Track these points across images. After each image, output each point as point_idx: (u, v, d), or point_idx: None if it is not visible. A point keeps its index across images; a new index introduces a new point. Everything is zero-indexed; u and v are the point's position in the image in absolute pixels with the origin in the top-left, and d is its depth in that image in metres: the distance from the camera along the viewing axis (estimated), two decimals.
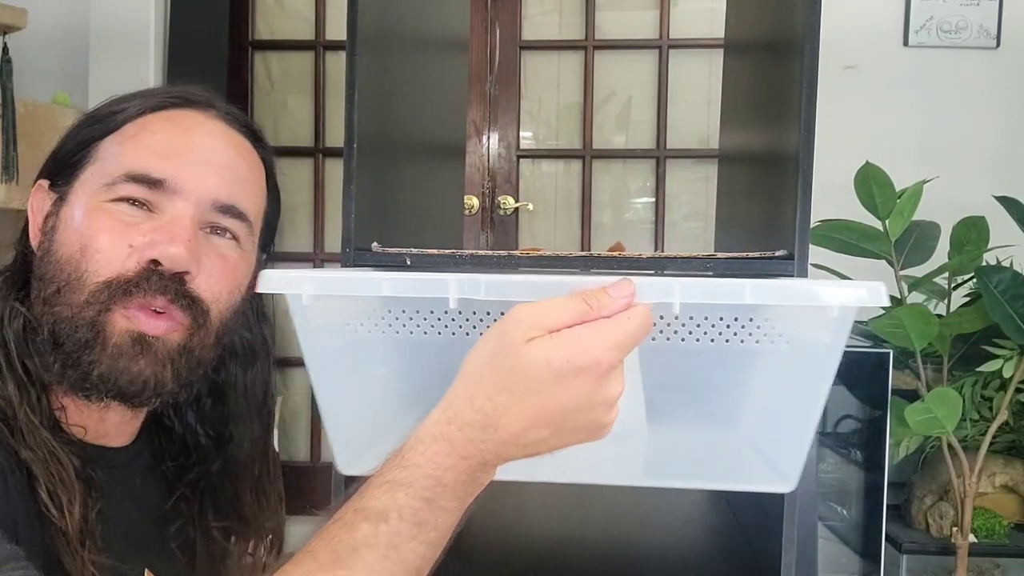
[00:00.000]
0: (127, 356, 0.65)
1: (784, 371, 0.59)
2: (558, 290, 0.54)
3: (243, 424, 0.78)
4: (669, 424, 0.62)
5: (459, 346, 0.59)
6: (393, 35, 1.04)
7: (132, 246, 0.66)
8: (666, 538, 1.11)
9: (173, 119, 0.71)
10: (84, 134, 0.70)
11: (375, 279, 0.58)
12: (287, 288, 0.60)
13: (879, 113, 2.29)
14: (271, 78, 2.69)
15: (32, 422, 0.63)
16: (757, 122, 1.12)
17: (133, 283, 0.65)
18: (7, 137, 1.93)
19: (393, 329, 0.61)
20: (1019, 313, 1.51)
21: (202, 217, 0.69)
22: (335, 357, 0.64)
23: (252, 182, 0.74)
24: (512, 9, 2.57)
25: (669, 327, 0.57)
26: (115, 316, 0.65)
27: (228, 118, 0.74)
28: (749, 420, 0.63)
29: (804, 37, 0.82)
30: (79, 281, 0.65)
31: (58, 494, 0.61)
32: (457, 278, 0.56)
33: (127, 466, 0.74)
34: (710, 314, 0.57)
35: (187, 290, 0.67)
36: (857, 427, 1.88)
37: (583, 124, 2.58)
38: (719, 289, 0.55)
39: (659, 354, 0.58)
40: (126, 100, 0.72)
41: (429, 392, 0.57)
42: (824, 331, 0.57)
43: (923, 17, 2.28)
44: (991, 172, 2.18)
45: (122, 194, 0.67)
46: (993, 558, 1.87)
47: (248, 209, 0.72)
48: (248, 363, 0.78)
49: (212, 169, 0.70)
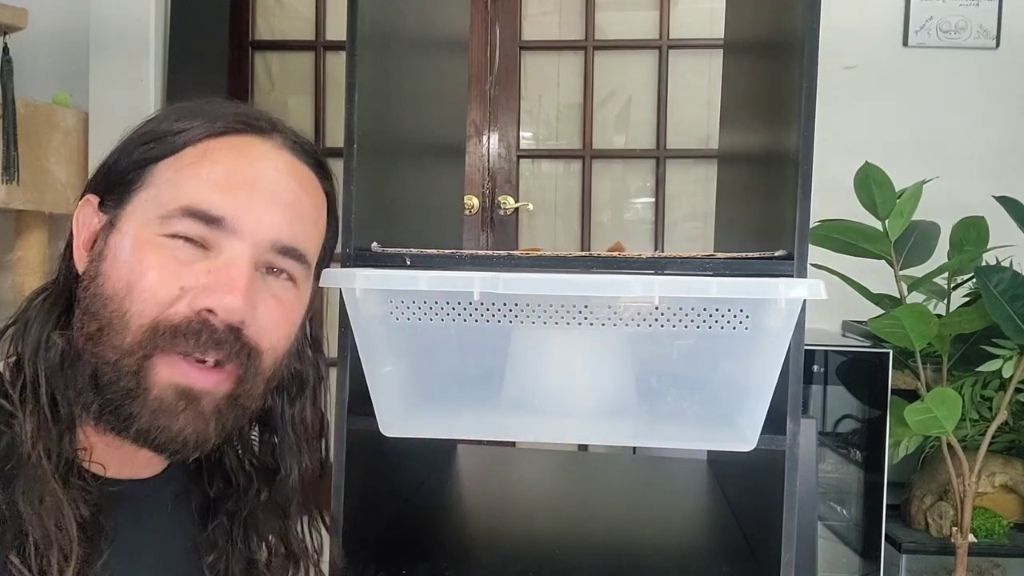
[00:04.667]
0: (169, 412, 0.61)
1: (745, 351, 0.73)
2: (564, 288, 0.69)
3: (291, 456, 0.74)
4: (654, 397, 0.75)
5: (477, 332, 0.74)
6: (393, 35, 1.04)
7: (184, 288, 0.61)
8: (666, 537, 1.11)
9: (236, 147, 0.66)
10: (140, 153, 0.65)
11: (414, 276, 0.73)
12: (344, 283, 0.75)
13: (879, 113, 2.29)
14: (271, 78, 2.69)
15: (42, 468, 0.58)
16: (757, 122, 1.12)
17: (181, 332, 0.60)
18: (8, 137, 1.93)
19: (428, 317, 0.75)
20: (1019, 313, 1.51)
21: (259, 258, 0.64)
22: (380, 340, 0.77)
23: (314, 219, 0.69)
24: (512, 9, 2.57)
25: (651, 315, 0.72)
26: (158, 364, 0.61)
27: (294, 148, 0.69)
28: (718, 391, 0.76)
29: (804, 37, 0.83)
30: (122, 321, 0.60)
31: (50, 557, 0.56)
32: (481, 276, 0.71)
33: (157, 495, 0.70)
34: (684, 305, 0.72)
35: (243, 342, 0.63)
36: (857, 427, 1.88)
37: (583, 124, 2.58)
38: (691, 285, 0.71)
39: (645, 340, 0.73)
40: (185, 118, 0.66)
41: (453, 367, 0.74)
42: (776, 319, 0.71)
43: (923, 17, 2.28)
44: (991, 172, 2.18)
45: (177, 230, 0.62)
46: (993, 558, 1.87)
47: (308, 250, 0.68)
48: (297, 393, 0.74)
49: (274, 207, 0.65)
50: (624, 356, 0.72)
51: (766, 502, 0.91)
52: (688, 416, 0.76)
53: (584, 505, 1.21)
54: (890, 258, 1.63)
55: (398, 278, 0.74)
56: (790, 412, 0.82)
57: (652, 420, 0.76)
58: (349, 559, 0.87)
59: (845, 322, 2.11)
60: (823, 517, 1.91)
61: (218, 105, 0.69)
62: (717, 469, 1.40)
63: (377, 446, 0.97)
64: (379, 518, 1.03)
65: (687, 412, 0.76)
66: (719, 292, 0.70)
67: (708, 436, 0.78)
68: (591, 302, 0.73)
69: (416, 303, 0.75)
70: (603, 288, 0.72)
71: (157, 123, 0.67)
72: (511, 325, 0.73)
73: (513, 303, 0.73)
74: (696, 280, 0.71)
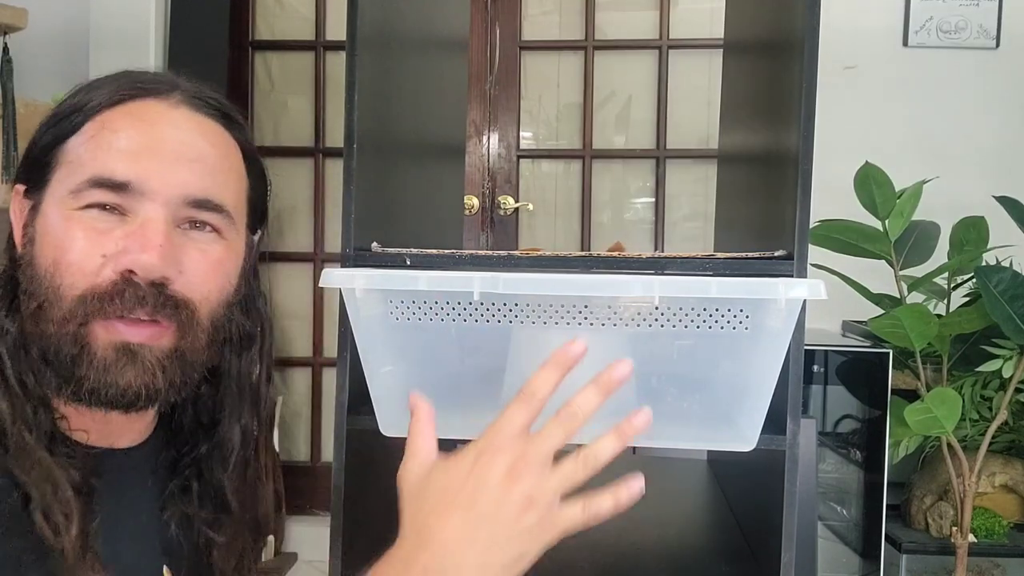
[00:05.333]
0: (114, 368, 0.64)
1: (745, 351, 0.72)
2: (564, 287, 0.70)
3: (232, 409, 0.75)
4: (655, 397, 0.75)
5: (477, 332, 0.74)
6: (393, 35, 1.04)
7: (105, 255, 0.64)
8: (666, 537, 1.11)
9: (134, 113, 0.67)
10: (50, 135, 0.67)
11: (414, 276, 0.73)
12: (344, 283, 0.75)
13: (879, 113, 2.29)
14: (271, 78, 2.69)
15: (25, 441, 0.61)
16: (757, 122, 1.12)
17: (108, 296, 0.63)
18: (7, 137, 1.93)
19: (427, 317, 0.75)
20: (1018, 313, 1.51)
21: (175, 215, 0.66)
22: (379, 339, 0.77)
23: (226, 169, 0.70)
24: (512, 9, 2.57)
25: (651, 315, 0.72)
26: (95, 328, 0.64)
27: (196, 102, 0.69)
28: (718, 391, 0.75)
29: (804, 37, 0.83)
30: (56, 295, 0.64)
31: (54, 515, 0.59)
32: (480, 276, 0.71)
33: (138, 467, 0.72)
34: (684, 305, 0.71)
35: (169, 295, 0.65)
36: (857, 427, 1.88)
37: (583, 124, 2.58)
38: (691, 285, 0.70)
39: (645, 341, 0.73)
40: (86, 92, 0.68)
41: (453, 367, 0.75)
42: (775, 319, 0.71)
43: (923, 17, 2.28)
44: (991, 172, 2.18)
45: (90, 200, 0.64)
46: (993, 558, 1.87)
47: (225, 199, 0.69)
48: (243, 348, 0.75)
49: (180, 164, 0.66)
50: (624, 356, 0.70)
51: (766, 502, 0.91)
52: (688, 416, 0.76)
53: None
54: (890, 258, 1.63)
55: (398, 278, 0.74)
56: (790, 412, 0.82)
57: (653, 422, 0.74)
58: (348, 559, 0.87)
59: (845, 322, 2.11)
60: (823, 517, 1.91)
61: (120, 75, 0.70)
62: (717, 469, 1.40)
63: (377, 446, 0.97)
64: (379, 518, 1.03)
65: (687, 412, 0.76)
66: (719, 292, 0.69)
67: (708, 436, 0.78)
68: (591, 302, 0.73)
69: (416, 303, 0.75)
70: (603, 288, 0.72)
71: (64, 102, 0.69)
72: (511, 325, 0.73)
73: (513, 303, 0.73)
74: (696, 280, 0.71)
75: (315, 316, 2.64)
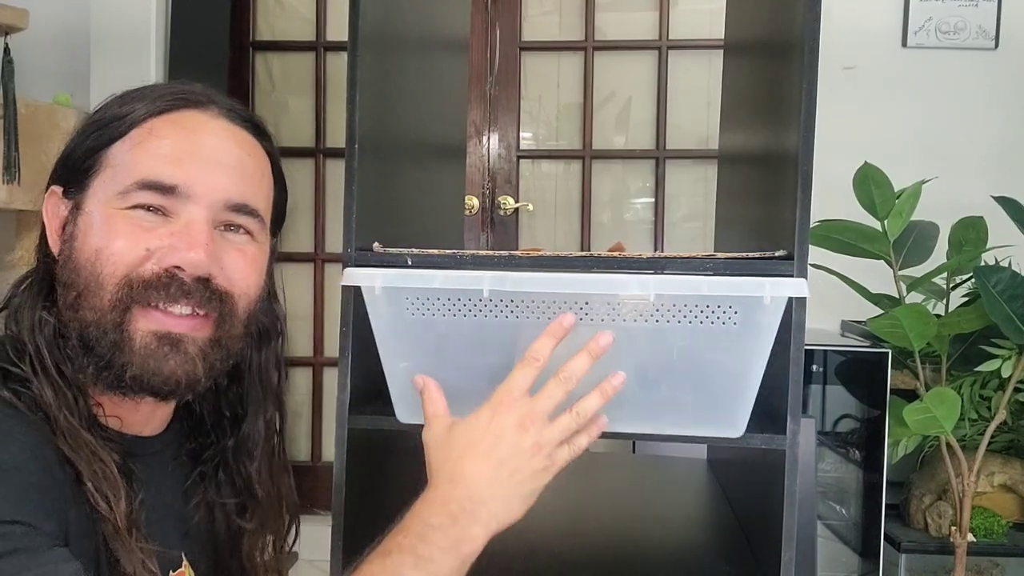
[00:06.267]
0: (157, 356, 0.68)
1: (734, 344, 0.78)
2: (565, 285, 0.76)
3: (256, 403, 0.81)
4: (651, 387, 0.81)
5: (487, 327, 0.80)
6: (394, 36, 1.05)
7: (149, 249, 0.68)
8: (666, 536, 1.11)
9: (178, 122, 0.72)
10: (92, 140, 0.71)
11: (432, 275, 0.78)
12: (364, 282, 0.80)
13: (878, 114, 2.29)
14: (272, 79, 2.70)
15: (72, 424, 0.64)
16: (757, 123, 1.13)
17: (152, 285, 0.67)
18: (9, 138, 1.93)
19: (440, 313, 0.80)
20: (1017, 313, 1.52)
21: (216, 218, 0.71)
22: (396, 336, 0.82)
23: (260, 177, 0.76)
24: (512, 9, 2.58)
25: (648, 312, 0.77)
26: (137, 315, 0.67)
27: (231, 115, 0.75)
28: (709, 383, 0.80)
29: (803, 38, 0.83)
30: (97, 283, 0.67)
31: (103, 490, 0.63)
32: (491, 275, 0.77)
33: (160, 454, 0.76)
34: (678, 302, 0.77)
35: (214, 289, 0.69)
36: (856, 426, 1.89)
37: (583, 125, 2.59)
38: (684, 283, 0.76)
39: (644, 335, 0.78)
40: (128, 103, 0.73)
41: (464, 360, 0.81)
42: (763, 315, 0.76)
43: (922, 18, 2.28)
44: (990, 172, 2.18)
45: (137, 201, 0.68)
46: (992, 557, 1.87)
47: (259, 205, 0.74)
48: (263, 344, 0.81)
49: (221, 170, 0.71)
50: (623, 351, 0.77)
51: (766, 502, 0.91)
52: (681, 407, 0.82)
53: (584, 504, 1.21)
54: (889, 258, 1.64)
55: (415, 277, 0.80)
56: (790, 412, 0.82)
57: (649, 411, 0.82)
58: (348, 558, 0.88)
59: (844, 322, 2.12)
60: (823, 517, 1.91)
61: (157, 87, 0.75)
62: (717, 469, 1.40)
63: (377, 445, 0.98)
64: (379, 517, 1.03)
65: (681, 403, 0.81)
66: (710, 290, 0.76)
67: (698, 424, 0.83)
68: (591, 299, 0.77)
69: (430, 300, 0.80)
70: (603, 286, 0.77)
71: (104, 111, 0.73)
72: (518, 321, 0.79)
73: (519, 300, 0.78)
74: (689, 279, 0.77)
75: (316, 316, 2.64)
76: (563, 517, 1.14)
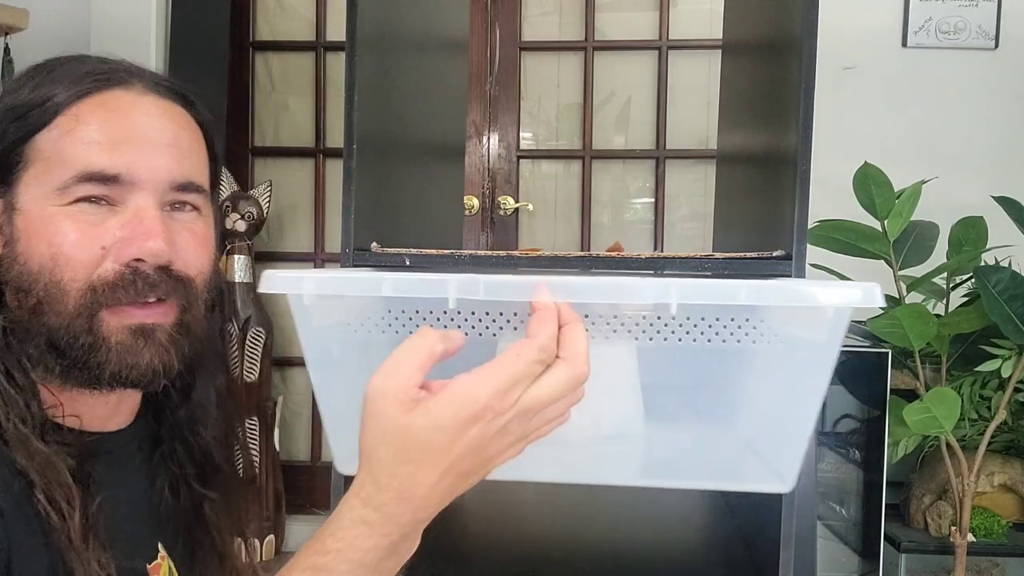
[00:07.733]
0: (133, 350, 0.66)
1: (780, 371, 0.59)
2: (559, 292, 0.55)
3: (204, 371, 0.78)
4: (667, 424, 0.62)
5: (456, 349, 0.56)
6: (393, 36, 1.04)
7: (105, 247, 0.65)
8: (665, 538, 1.11)
9: (105, 104, 0.68)
10: (13, 131, 0.67)
11: (376, 279, 0.58)
12: (289, 288, 0.60)
13: (878, 114, 2.29)
14: (272, 79, 2.70)
15: (21, 432, 0.62)
16: (756, 123, 1.13)
17: (119, 286, 0.65)
18: None
19: (393, 329, 0.60)
20: (1017, 313, 1.52)
21: (162, 200, 0.68)
22: (336, 357, 0.64)
23: (197, 149, 0.73)
24: (512, 10, 2.58)
25: (667, 327, 0.58)
26: (106, 316, 0.65)
27: (157, 89, 0.71)
28: (746, 420, 0.63)
29: (802, 38, 0.83)
30: (58, 288, 0.65)
31: (56, 500, 0.61)
32: (457, 278, 0.56)
33: (127, 447, 0.74)
34: (706, 314, 0.57)
35: (175, 275, 0.68)
36: (856, 427, 1.89)
37: (583, 125, 2.59)
38: (715, 290, 0.55)
39: (657, 354, 0.59)
40: (44, 86, 0.68)
41: None
42: (819, 331, 0.58)
43: (922, 18, 2.28)
44: (989, 172, 2.18)
45: (78, 195, 0.65)
46: (992, 557, 1.87)
47: (201, 179, 0.72)
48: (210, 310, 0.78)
49: (160, 151, 0.68)
50: (630, 376, 0.60)
51: (765, 501, 0.91)
52: (709, 448, 0.64)
53: (583, 505, 1.21)
54: (889, 258, 1.64)
55: (356, 282, 0.60)
56: None
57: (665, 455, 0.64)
58: None
59: None
60: (822, 517, 1.91)
61: (70, 63, 0.71)
62: None
63: None
64: None
65: (707, 443, 0.64)
66: (748, 299, 0.55)
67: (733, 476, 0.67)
68: (590, 310, 0.58)
69: (380, 311, 0.61)
70: (607, 293, 0.57)
71: (16, 96, 0.68)
72: (495, 338, 0.59)
73: (497, 312, 0.58)
74: (721, 284, 0.56)
75: None
76: (562, 518, 1.14)
